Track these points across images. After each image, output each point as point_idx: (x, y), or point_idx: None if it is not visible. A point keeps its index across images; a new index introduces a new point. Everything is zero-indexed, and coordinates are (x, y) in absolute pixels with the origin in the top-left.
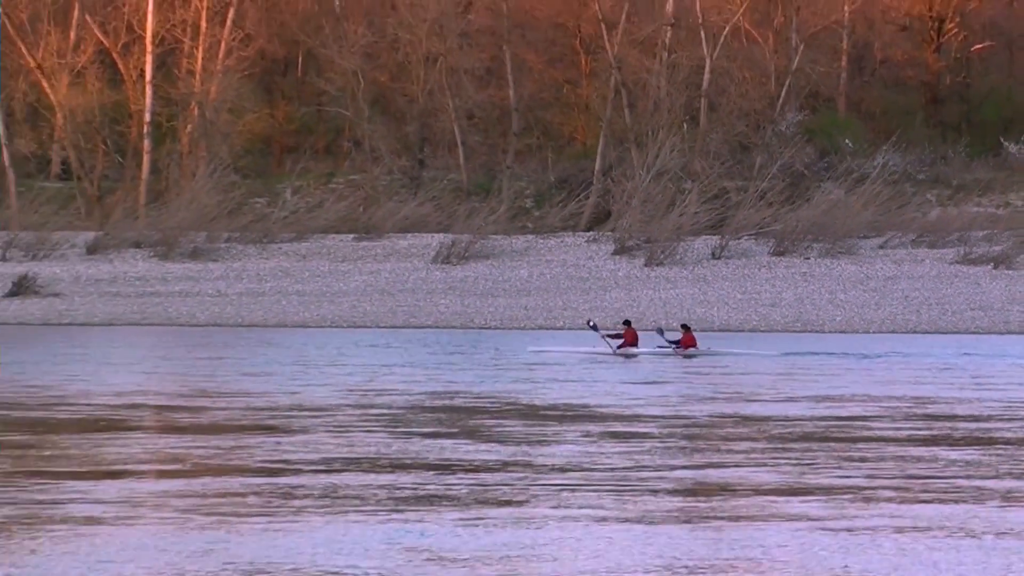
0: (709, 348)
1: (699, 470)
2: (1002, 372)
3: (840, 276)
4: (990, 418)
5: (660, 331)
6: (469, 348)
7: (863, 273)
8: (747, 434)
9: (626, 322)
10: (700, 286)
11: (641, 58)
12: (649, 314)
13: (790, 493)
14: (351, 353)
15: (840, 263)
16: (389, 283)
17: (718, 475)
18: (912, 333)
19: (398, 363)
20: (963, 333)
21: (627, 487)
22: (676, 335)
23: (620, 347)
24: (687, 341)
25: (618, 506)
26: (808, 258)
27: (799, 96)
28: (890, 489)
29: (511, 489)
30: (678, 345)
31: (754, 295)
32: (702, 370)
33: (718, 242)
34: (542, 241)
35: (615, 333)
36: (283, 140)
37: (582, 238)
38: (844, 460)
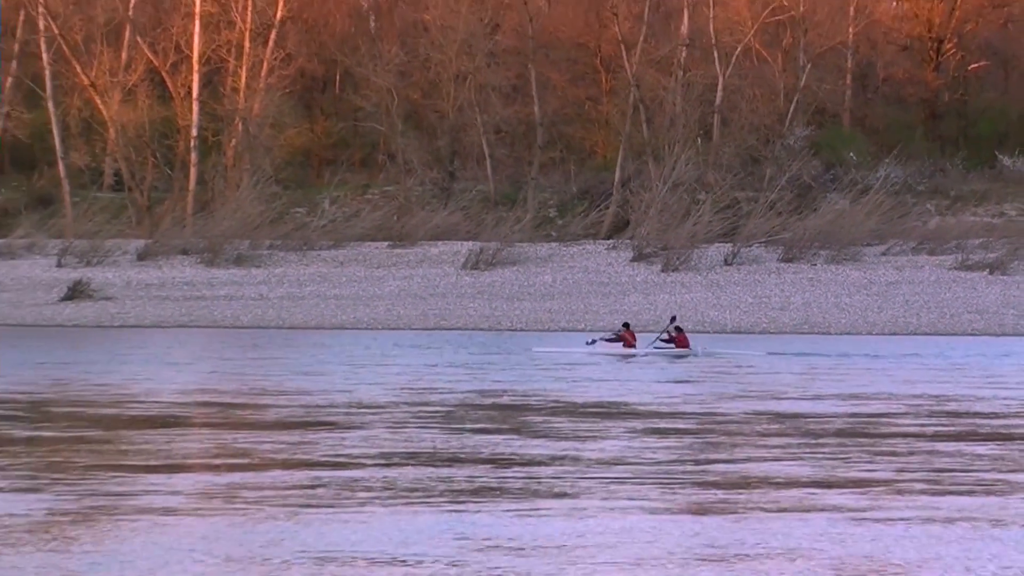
0: (704, 348)
1: (739, 464)
2: (1012, 372)
3: (845, 281)
4: (1008, 415)
5: (673, 319)
6: (505, 349)
7: (867, 278)
8: (781, 430)
9: (625, 324)
10: (713, 291)
11: (658, 76)
12: (665, 317)
13: (826, 486)
14: (395, 354)
15: (845, 269)
16: (421, 288)
17: (757, 469)
18: (913, 335)
19: (441, 363)
20: (960, 335)
21: (672, 480)
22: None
23: (613, 341)
24: (680, 342)
25: (665, 498)
26: (815, 264)
27: (806, 112)
28: (921, 482)
29: (562, 482)
30: (674, 345)
31: (764, 299)
32: (729, 371)
33: (730, 249)
34: (565, 248)
35: (612, 337)
36: (322, 153)
37: (603, 245)
38: (875, 455)
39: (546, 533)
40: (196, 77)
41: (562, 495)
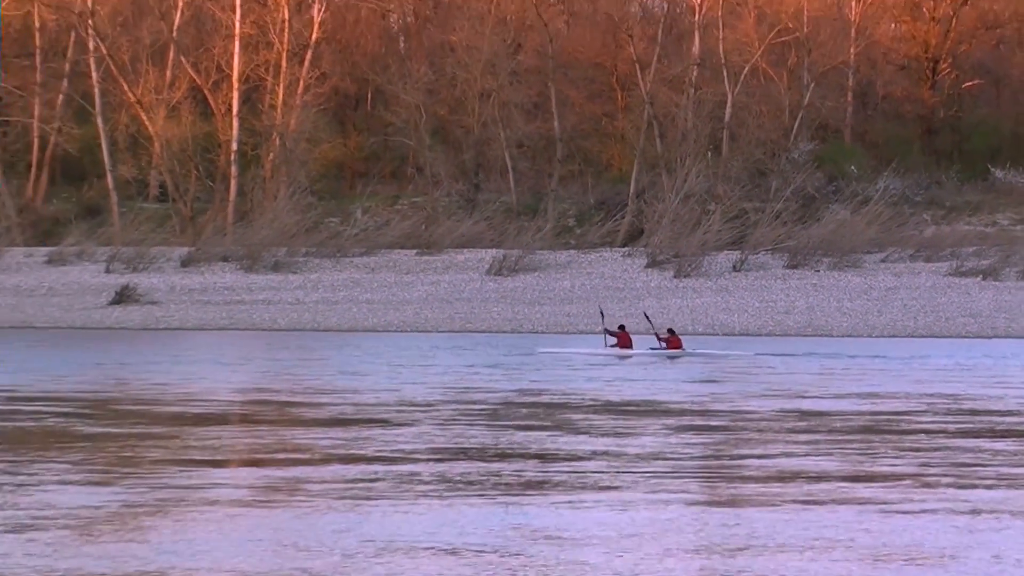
0: (694, 349)
1: (773, 459)
2: (1018, 372)
3: (846, 287)
4: (1022, 413)
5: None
6: (534, 351)
7: (867, 284)
8: (809, 427)
9: (621, 327)
10: (723, 295)
11: (671, 94)
12: (678, 320)
13: (856, 480)
14: (432, 355)
15: (846, 275)
16: (448, 293)
17: (789, 463)
18: (910, 337)
19: (478, 364)
20: (955, 337)
21: (710, 474)
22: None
23: (612, 344)
24: (673, 343)
25: (705, 491)
26: (818, 271)
27: (810, 128)
28: (946, 476)
29: (606, 476)
30: (667, 347)
31: (770, 303)
32: (750, 371)
33: (738, 256)
34: (583, 256)
35: (613, 331)
36: (354, 166)
37: (618, 253)
38: (900, 450)
39: (593, 524)
40: (236, 95)
41: (607, 488)
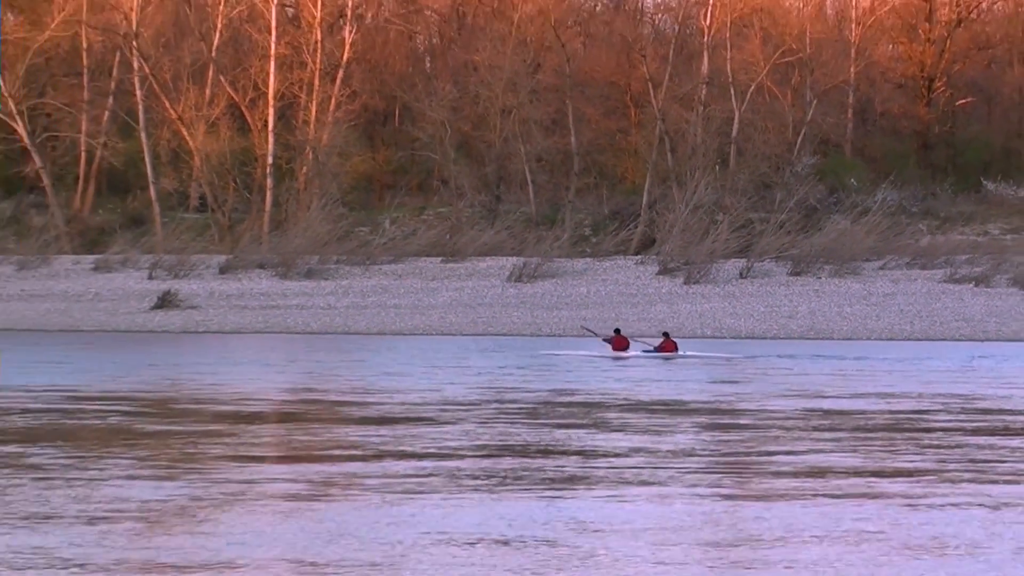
0: (685, 352)
1: (801, 456)
2: (1021, 373)
3: (846, 293)
4: None
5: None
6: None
7: (866, 290)
8: (832, 425)
9: (616, 331)
10: (730, 301)
11: (681, 111)
12: (688, 324)
13: (881, 475)
14: (465, 357)
15: (847, 282)
16: (471, 298)
17: (817, 460)
18: (906, 340)
19: (510, 365)
20: (949, 340)
21: (744, 469)
22: (657, 340)
23: (604, 339)
24: (667, 347)
25: (739, 486)
26: (820, 278)
27: (812, 143)
28: (966, 472)
29: (644, 471)
30: (659, 349)
31: (775, 308)
32: (768, 372)
33: (745, 264)
34: (598, 263)
35: (608, 338)
36: (383, 179)
37: (632, 261)
38: (921, 447)
39: (637, 517)
40: (272, 111)
41: (646, 483)
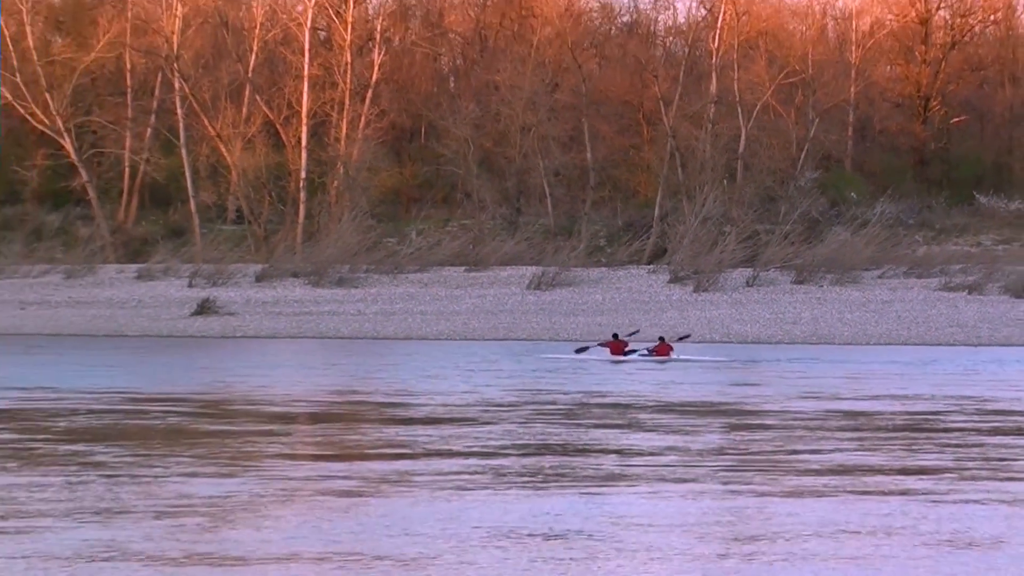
0: (678, 356)
1: (827, 455)
2: (1020, 376)
3: (847, 300)
4: None
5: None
6: (588, 357)
7: (865, 298)
8: (854, 425)
9: (614, 335)
10: (737, 307)
11: (691, 128)
12: (698, 329)
13: (905, 473)
14: (496, 360)
15: (847, 290)
16: (493, 305)
17: (842, 458)
18: (904, 345)
19: (542, 369)
20: (944, 345)
21: (773, 467)
22: (653, 343)
23: (601, 344)
24: (662, 350)
25: (770, 483)
26: (822, 286)
27: (814, 158)
28: (984, 469)
29: (679, 469)
30: (654, 353)
31: (779, 315)
32: (784, 375)
33: (751, 273)
34: (613, 272)
35: (605, 343)
36: (409, 193)
37: (644, 270)
38: (940, 446)
39: (675, 512)
40: (305, 129)
41: (682, 480)
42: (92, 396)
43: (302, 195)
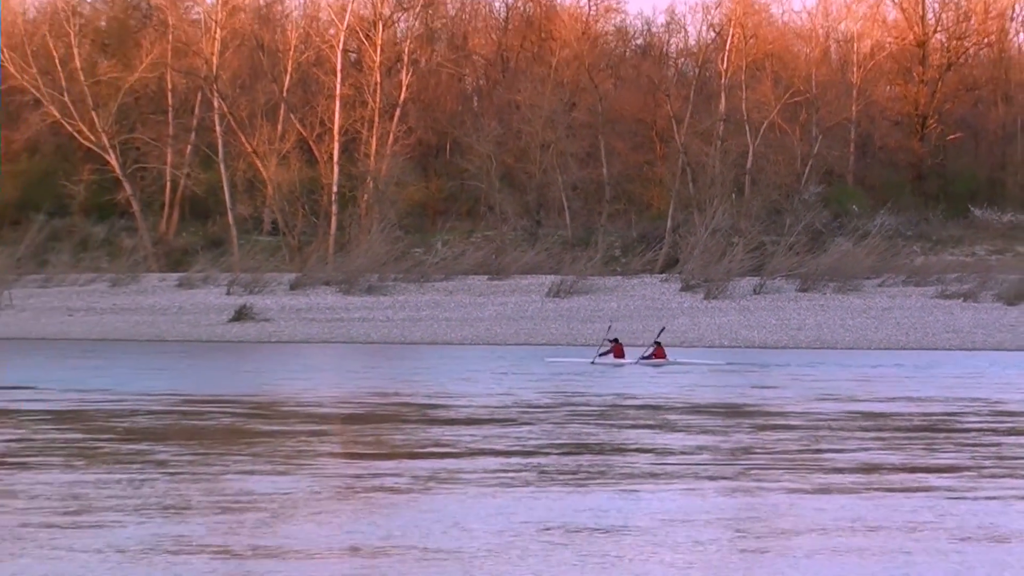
0: (675, 359)
1: (851, 454)
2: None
3: (849, 307)
4: None
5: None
6: (604, 362)
7: (866, 305)
8: (874, 426)
9: (615, 340)
10: (745, 314)
11: (701, 145)
12: (708, 335)
13: (926, 471)
14: (524, 364)
15: (849, 297)
16: (514, 311)
17: (866, 457)
18: (902, 350)
19: (567, 372)
20: (941, 350)
21: (801, 466)
22: (651, 348)
23: (603, 353)
24: (658, 354)
25: (800, 481)
26: (825, 294)
27: (818, 173)
28: (1000, 468)
29: (713, 467)
30: (651, 356)
31: (785, 321)
32: (800, 378)
33: (758, 281)
34: (627, 280)
35: (606, 350)
36: (435, 206)
37: (657, 278)
38: (958, 446)
39: (712, 507)
40: (336, 145)
41: (716, 478)
42: (150, 398)
43: (334, 208)
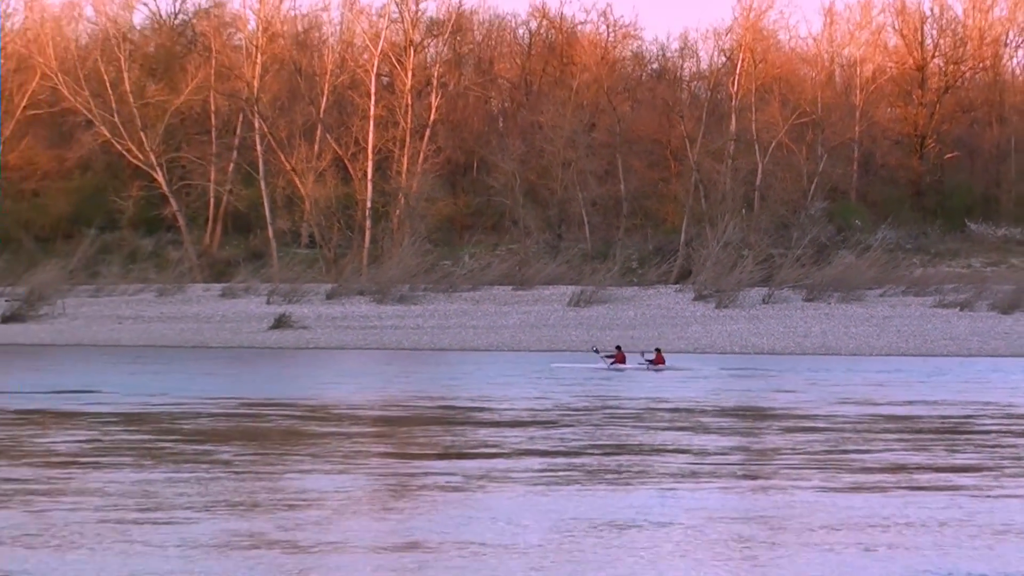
0: (673, 365)
1: (877, 454)
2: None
3: (852, 316)
4: None
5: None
6: (630, 368)
7: (868, 314)
8: (895, 428)
9: (617, 347)
10: (754, 322)
11: (713, 164)
12: (719, 342)
13: (950, 471)
14: (555, 370)
15: (852, 307)
16: (537, 320)
17: (892, 458)
18: (903, 356)
19: (596, 377)
20: (939, 356)
21: (831, 466)
22: (651, 355)
23: (612, 363)
24: (658, 360)
25: (830, 480)
26: (830, 303)
27: (823, 190)
28: (1019, 467)
29: (747, 467)
30: (652, 363)
31: (792, 329)
32: (816, 383)
33: (767, 291)
34: (643, 291)
35: (609, 353)
36: (463, 220)
37: (672, 289)
38: (977, 447)
39: (746, 506)
40: (370, 164)
41: (752, 477)
42: (210, 401)
43: (367, 222)
